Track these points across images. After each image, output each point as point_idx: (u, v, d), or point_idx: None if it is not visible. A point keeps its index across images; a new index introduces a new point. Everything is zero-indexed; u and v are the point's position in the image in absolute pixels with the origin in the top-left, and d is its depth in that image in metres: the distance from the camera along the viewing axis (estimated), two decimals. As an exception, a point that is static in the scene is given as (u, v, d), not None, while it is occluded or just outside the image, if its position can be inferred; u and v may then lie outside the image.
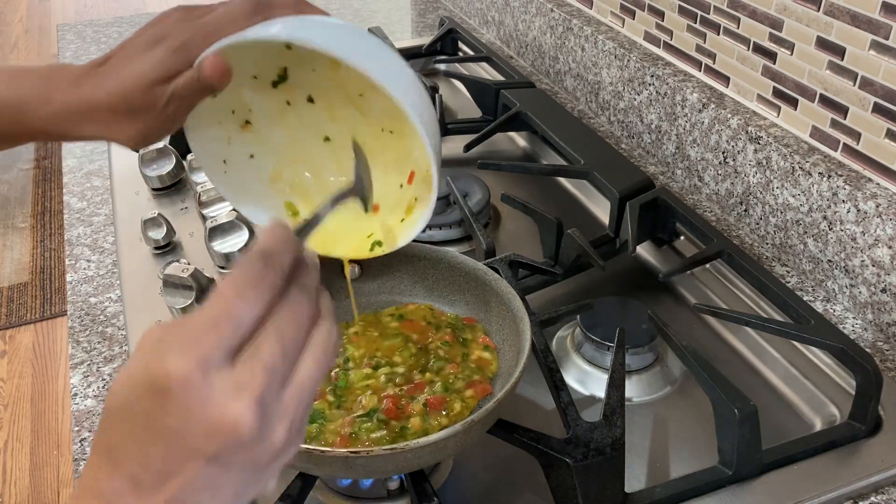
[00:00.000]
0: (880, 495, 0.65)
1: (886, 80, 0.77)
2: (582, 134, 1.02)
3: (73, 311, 0.85)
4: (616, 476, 0.61)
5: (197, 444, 0.37)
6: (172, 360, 0.36)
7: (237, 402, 0.37)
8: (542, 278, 0.85)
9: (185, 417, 0.36)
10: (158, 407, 0.36)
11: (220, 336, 0.37)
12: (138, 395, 0.37)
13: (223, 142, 0.64)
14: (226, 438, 0.37)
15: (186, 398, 0.36)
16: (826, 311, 0.84)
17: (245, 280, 0.38)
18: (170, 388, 0.36)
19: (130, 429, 0.37)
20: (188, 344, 0.37)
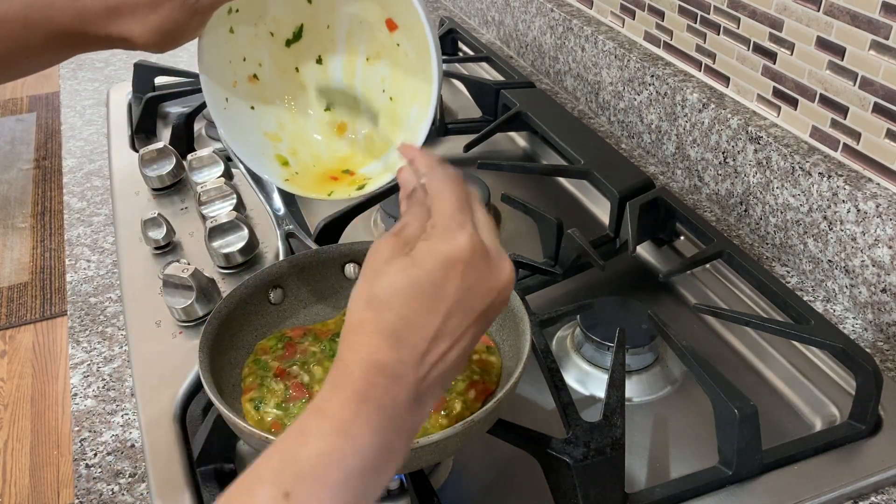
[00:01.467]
0: (880, 495, 0.65)
1: (886, 80, 0.77)
2: (582, 134, 1.02)
3: (73, 311, 0.85)
4: (616, 476, 0.61)
5: (477, 304, 0.44)
6: (456, 238, 0.44)
7: (506, 264, 0.46)
8: (542, 278, 0.85)
9: (474, 280, 0.44)
10: (450, 276, 0.43)
11: (467, 214, 0.46)
12: (426, 273, 0.43)
13: (229, 82, 0.67)
14: (498, 295, 0.46)
15: (475, 263, 0.44)
16: (826, 311, 0.84)
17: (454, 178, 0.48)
18: (461, 258, 0.44)
19: (417, 306, 0.43)
20: (456, 224, 0.45)
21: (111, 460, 0.68)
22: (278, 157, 0.69)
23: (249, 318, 0.69)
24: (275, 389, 0.64)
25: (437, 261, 0.43)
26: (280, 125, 0.70)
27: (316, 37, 0.68)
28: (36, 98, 3.69)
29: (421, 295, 0.43)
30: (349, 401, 0.41)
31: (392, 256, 0.44)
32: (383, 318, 0.43)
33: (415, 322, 0.43)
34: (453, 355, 0.44)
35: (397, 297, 0.43)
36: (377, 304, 0.43)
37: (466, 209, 0.46)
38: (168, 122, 1.20)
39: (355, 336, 0.44)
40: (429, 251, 0.44)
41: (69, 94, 1.32)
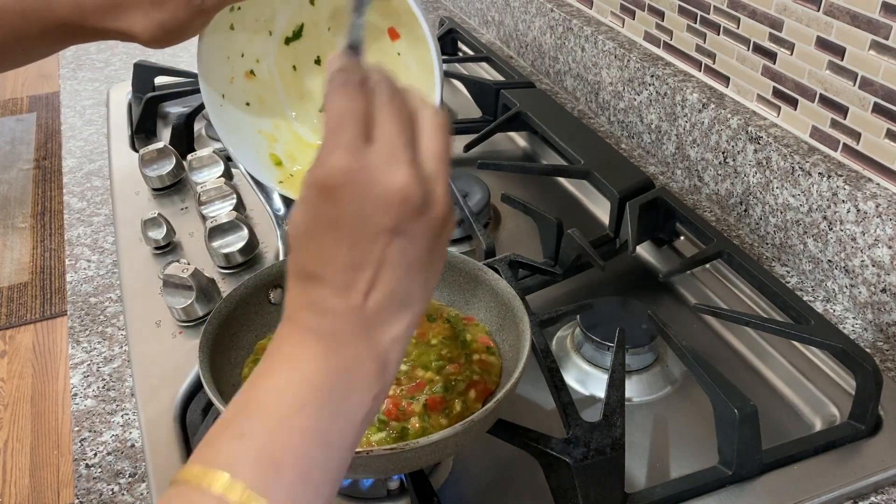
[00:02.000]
0: (880, 495, 0.65)
1: (886, 80, 0.77)
2: (582, 134, 1.02)
3: (73, 311, 0.85)
4: (616, 476, 0.61)
5: (376, 221, 0.40)
6: (327, 161, 0.40)
7: (395, 170, 0.40)
8: (542, 278, 0.85)
9: (359, 199, 0.40)
10: (333, 203, 0.40)
11: (349, 128, 0.40)
12: (313, 207, 0.40)
13: (226, 78, 0.67)
14: (400, 206, 0.40)
15: (353, 183, 0.40)
16: (826, 311, 0.84)
17: (338, 86, 0.42)
18: (335, 183, 0.40)
19: (317, 242, 0.41)
20: (330, 146, 0.40)
21: (111, 460, 0.68)
22: (272, 156, 0.69)
23: (249, 318, 0.69)
24: (275, 389, 0.64)
25: (315, 192, 0.40)
26: (275, 125, 0.69)
27: (316, 38, 0.68)
28: (36, 98, 3.69)
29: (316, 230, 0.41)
30: (290, 337, 0.41)
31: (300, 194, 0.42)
32: (296, 260, 0.42)
33: (320, 258, 0.41)
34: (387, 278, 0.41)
35: (298, 236, 0.42)
36: (291, 248, 0.43)
37: (346, 122, 0.41)
38: (168, 122, 1.20)
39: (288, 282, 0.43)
40: (309, 183, 0.41)
41: (69, 94, 1.32)
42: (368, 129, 0.41)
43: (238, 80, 0.68)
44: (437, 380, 0.63)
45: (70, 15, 0.57)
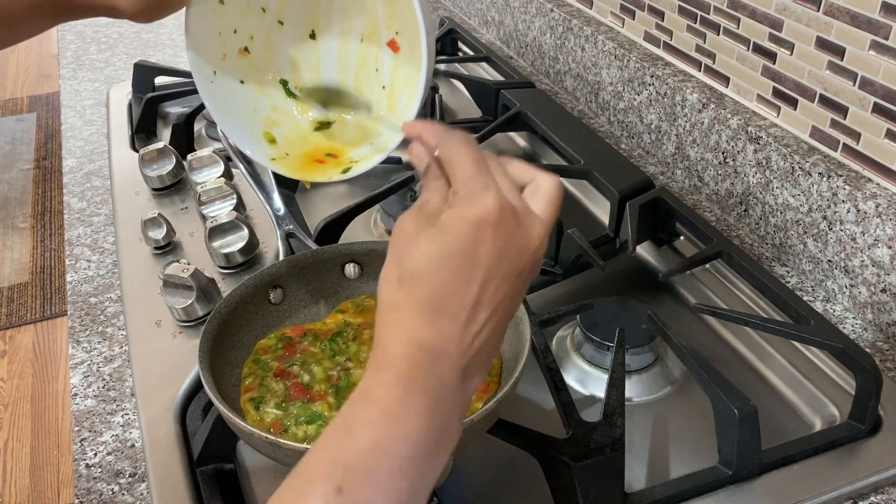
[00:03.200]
0: (880, 495, 0.65)
1: (886, 80, 0.77)
2: (582, 134, 1.02)
3: (73, 311, 0.85)
4: (616, 476, 0.61)
5: (512, 265, 0.42)
6: (485, 198, 0.42)
7: (535, 221, 0.44)
8: (542, 278, 0.85)
9: (506, 240, 0.42)
10: (481, 240, 0.41)
11: (487, 173, 0.43)
12: (455, 240, 0.41)
13: (218, 55, 0.66)
14: (532, 255, 0.44)
15: (505, 223, 0.42)
16: (826, 311, 0.84)
17: (466, 140, 0.45)
18: (490, 220, 0.41)
19: (450, 275, 0.41)
20: (480, 185, 0.43)
21: (111, 460, 0.68)
22: (266, 134, 0.68)
23: (249, 318, 0.69)
24: (275, 389, 0.64)
25: (464, 226, 0.41)
26: (273, 106, 0.69)
27: (310, 14, 0.68)
28: (36, 98, 3.69)
29: (453, 263, 0.41)
30: (394, 384, 0.40)
31: (418, 228, 0.42)
32: (417, 293, 0.41)
33: (450, 292, 0.41)
34: (495, 322, 0.42)
35: (429, 268, 0.41)
36: (409, 280, 0.41)
37: (485, 169, 0.43)
38: (168, 122, 1.20)
39: (391, 315, 0.42)
40: (455, 217, 0.41)
41: (69, 94, 1.32)
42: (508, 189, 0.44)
43: (231, 58, 0.67)
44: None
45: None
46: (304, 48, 0.69)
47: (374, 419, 0.39)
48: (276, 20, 0.67)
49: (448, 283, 0.41)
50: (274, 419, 0.61)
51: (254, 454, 0.68)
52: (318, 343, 0.69)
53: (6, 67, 3.96)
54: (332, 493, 0.37)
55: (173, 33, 1.52)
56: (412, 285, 0.41)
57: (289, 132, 0.69)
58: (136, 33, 1.54)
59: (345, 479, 0.37)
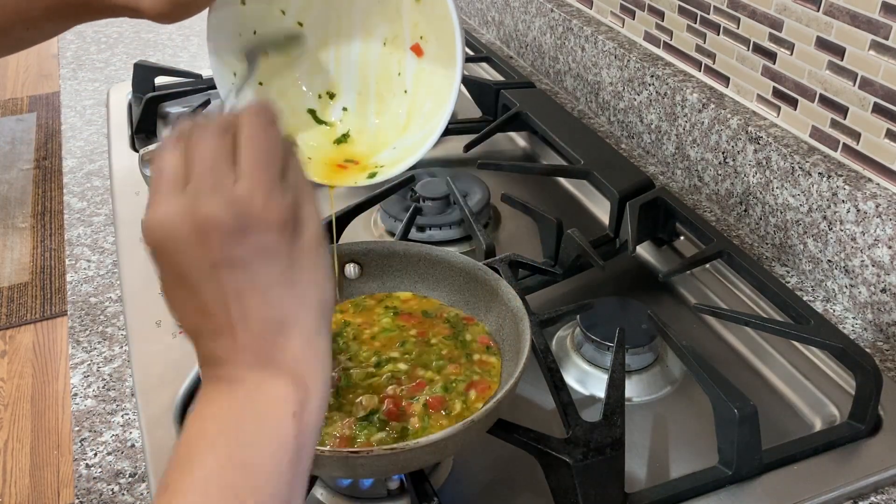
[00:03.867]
0: (880, 495, 0.65)
1: (886, 80, 0.77)
2: (582, 134, 1.02)
3: (73, 311, 0.85)
4: (616, 476, 0.61)
5: (202, 259, 0.39)
6: (144, 223, 0.40)
7: (201, 204, 0.39)
8: (542, 278, 0.85)
9: (181, 244, 0.39)
10: (166, 257, 0.40)
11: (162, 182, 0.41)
12: (158, 268, 0.41)
13: (239, 56, 0.66)
14: (213, 237, 0.39)
15: (170, 230, 0.39)
16: (826, 311, 0.84)
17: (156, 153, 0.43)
18: (157, 238, 0.40)
19: (173, 299, 0.41)
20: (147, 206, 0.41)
21: (111, 460, 0.68)
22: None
23: (249, 318, 0.69)
24: (275, 389, 0.64)
25: (150, 254, 0.41)
26: (291, 109, 0.69)
27: (331, 16, 0.67)
28: (36, 98, 3.69)
29: (168, 289, 0.42)
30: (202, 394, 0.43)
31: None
32: (178, 322, 0.43)
33: (183, 314, 0.41)
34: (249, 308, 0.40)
35: (167, 301, 0.42)
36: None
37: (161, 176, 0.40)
38: (168, 122, 1.20)
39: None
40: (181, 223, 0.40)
41: (69, 94, 1.32)
42: (187, 173, 0.40)
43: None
44: (437, 380, 0.63)
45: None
46: (324, 50, 0.69)
47: (187, 423, 0.41)
48: (295, 22, 0.67)
49: (176, 307, 0.41)
50: (274, 419, 0.61)
51: (254, 454, 0.68)
52: (318, 343, 0.68)
53: (6, 67, 3.96)
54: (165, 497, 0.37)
55: (173, 33, 1.52)
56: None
57: (310, 137, 0.69)
58: (136, 33, 1.54)
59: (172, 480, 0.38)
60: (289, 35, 0.67)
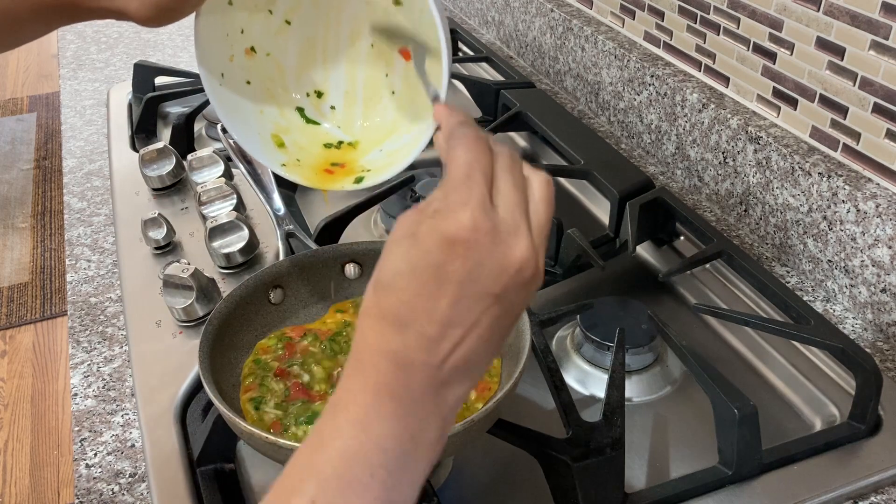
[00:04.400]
0: (880, 495, 0.65)
1: (886, 80, 0.77)
2: (582, 134, 1.02)
3: (73, 311, 0.85)
4: (616, 476, 0.61)
5: (487, 285, 0.40)
6: (457, 215, 0.40)
7: (518, 240, 0.41)
8: (541, 278, 0.85)
9: (479, 260, 0.40)
10: (450, 256, 0.39)
11: (479, 185, 0.41)
12: (425, 254, 0.40)
13: (225, 57, 0.66)
14: (513, 276, 0.41)
15: (477, 242, 0.39)
16: (826, 311, 0.84)
17: (470, 139, 0.43)
18: (462, 238, 0.39)
19: (418, 288, 0.40)
20: (460, 199, 0.40)
21: (111, 460, 0.68)
22: (274, 137, 0.68)
23: (249, 318, 0.69)
24: (275, 389, 0.64)
25: (435, 241, 0.40)
26: (279, 106, 0.68)
27: (319, 17, 0.68)
28: (36, 98, 3.69)
29: (421, 278, 0.40)
30: (361, 392, 0.40)
31: (403, 234, 0.41)
32: (385, 303, 0.41)
33: (418, 306, 0.40)
34: (472, 340, 0.41)
35: (399, 279, 0.40)
36: (381, 288, 0.41)
37: (477, 178, 0.41)
38: (168, 122, 1.21)
39: (363, 321, 0.42)
40: (430, 230, 0.40)
41: (69, 94, 1.32)
42: (491, 187, 0.42)
43: (238, 58, 0.67)
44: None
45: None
46: (312, 50, 0.69)
47: (343, 427, 0.39)
48: (283, 20, 0.67)
49: (415, 296, 0.40)
50: (274, 419, 0.61)
51: (254, 454, 0.68)
52: (318, 343, 0.69)
53: (6, 67, 3.96)
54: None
55: (173, 33, 1.52)
56: (382, 294, 0.41)
57: (298, 138, 0.68)
58: (136, 33, 1.54)
59: (318, 492, 0.37)
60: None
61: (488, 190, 0.41)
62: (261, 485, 0.66)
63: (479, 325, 0.41)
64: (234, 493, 0.65)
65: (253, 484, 0.66)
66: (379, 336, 0.40)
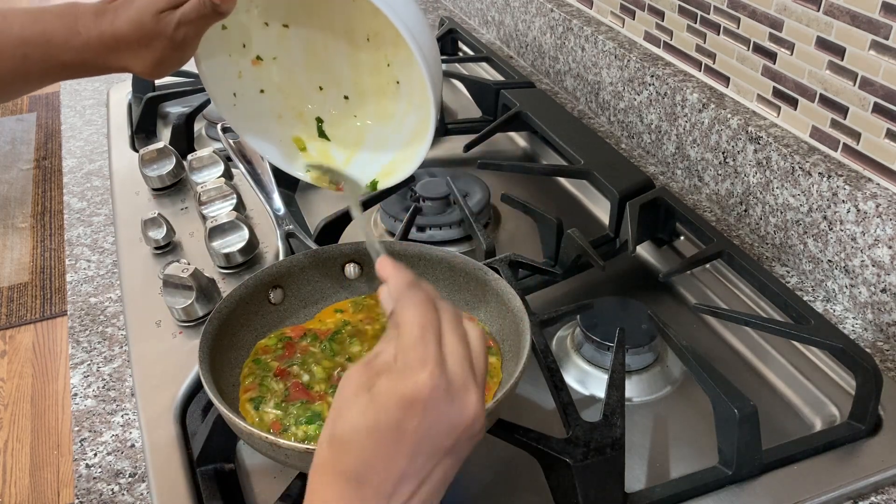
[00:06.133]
0: (880, 495, 0.65)
1: (886, 80, 0.77)
2: (582, 134, 1.02)
3: (73, 311, 0.85)
4: (616, 476, 0.61)
5: (441, 442, 0.42)
6: (415, 375, 0.41)
7: (469, 396, 0.43)
8: (542, 278, 0.85)
9: (435, 418, 0.42)
10: (409, 416, 0.41)
11: (433, 344, 0.43)
12: (384, 412, 0.41)
13: (234, 76, 0.68)
14: (464, 431, 0.43)
15: (435, 401, 0.41)
16: (826, 311, 0.84)
17: (419, 299, 0.45)
18: (420, 398, 0.41)
19: (376, 447, 0.41)
20: (418, 359, 0.42)
21: (111, 460, 0.68)
22: (296, 140, 0.69)
23: (249, 318, 0.69)
24: (274, 389, 0.64)
25: (394, 401, 0.41)
26: (295, 108, 0.70)
27: (314, 16, 0.68)
28: (36, 98, 3.69)
29: (380, 436, 0.41)
30: None
31: (357, 390, 0.43)
32: (343, 460, 0.42)
33: (375, 465, 0.41)
34: (423, 493, 0.42)
35: (357, 437, 0.41)
36: (338, 444, 0.42)
37: (430, 338, 0.43)
38: (168, 122, 1.21)
39: (317, 476, 0.43)
40: (387, 390, 0.42)
41: (69, 94, 1.32)
42: (441, 346, 0.44)
43: (246, 72, 0.68)
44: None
45: (72, 58, 0.60)
46: (314, 47, 0.69)
47: None
48: (281, 25, 0.68)
49: (373, 455, 0.41)
50: (274, 419, 0.61)
51: (254, 454, 0.68)
52: (318, 343, 0.69)
53: (6, 67, 3.96)
54: None
55: (173, 33, 1.52)
56: (340, 451, 0.42)
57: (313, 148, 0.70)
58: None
59: None
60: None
61: (440, 348, 0.43)
62: (261, 485, 0.66)
63: (430, 478, 0.43)
64: (234, 493, 0.65)
65: (253, 484, 0.66)
66: (335, 492, 0.42)
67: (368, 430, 0.41)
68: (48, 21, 0.59)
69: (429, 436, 0.42)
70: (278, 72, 0.69)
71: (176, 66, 0.62)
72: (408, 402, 0.41)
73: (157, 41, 0.59)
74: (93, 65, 0.61)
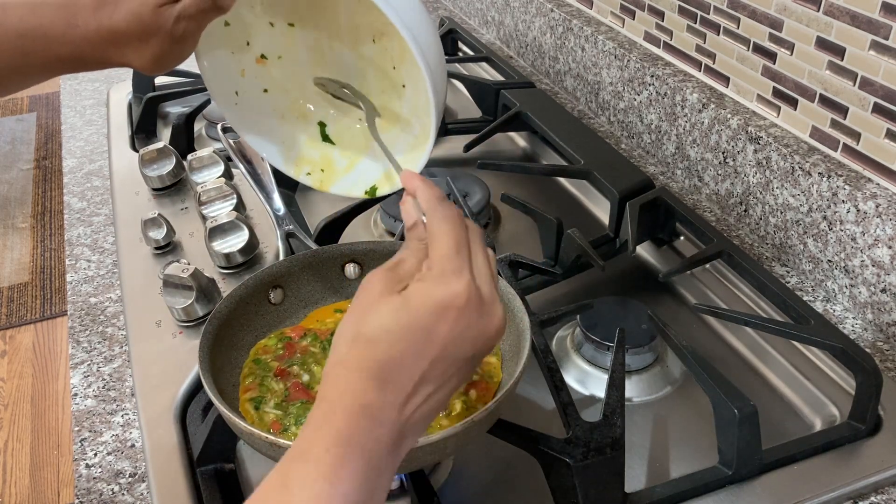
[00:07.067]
0: (880, 495, 0.65)
1: (886, 80, 0.77)
2: (582, 134, 1.02)
3: (73, 311, 0.85)
4: (616, 476, 0.61)
5: (465, 350, 0.44)
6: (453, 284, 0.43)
7: (497, 308, 0.45)
8: (542, 278, 0.85)
9: (465, 326, 0.43)
10: (440, 322, 0.43)
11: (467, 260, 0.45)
12: (418, 315, 0.43)
13: (237, 74, 0.67)
14: (486, 342, 0.45)
15: (468, 311, 0.43)
16: (826, 311, 0.84)
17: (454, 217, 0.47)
18: (455, 305, 0.43)
19: (406, 348, 0.42)
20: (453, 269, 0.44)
21: (111, 460, 0.68)
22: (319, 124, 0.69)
23: (249, 318, 0.69)
24: (274, 389, 0.64)
25: (429, 305, 0.43)
26: (301, 114, 0.69)
27: (320, 16, 0.68)
28: (36, 98, 3.69)
29: (411, 338, 0.42)
30: (333, 444, 0.40)
31: (384, 293, 0.44)
32: (370, 357, 0.42)
33: (402, 364, 0.42)
34: (436, 398, 0.43)
35: (387, 337, 0.42)
36: (365, 342, 0.43)
37: (465, 252, 0.45)
38: (168, 122, 1.20)
39: (336, 369, 0.43)
40: (422, 293, 0.43)
41: (69, 94, 1.32)
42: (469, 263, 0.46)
43: (250, 70, 0.67)
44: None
45: (70, 52, 0.59)
46: (319, 45, 0.69)
47: (312, 478, 0.39)
48: (286, 24, 0.68)
49: (402, 355, 0.42)
50: (274, 419, 0.61)
51: (254, 454, 0.68)
52: (318, 343, 0.69)
53: (6, 67, 3.96)
54: None
55: (173, 33, 1.52)
56: (366, 349, 0.42)
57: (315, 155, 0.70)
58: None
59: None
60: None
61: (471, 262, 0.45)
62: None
63: (447, 384, 0.44)
64: (234, 493, 0.65)
65: (253, 484, 0.66)
66: (355, 388, 0.41)
67: (399, 331, 0.42)
68: (46, 13, 0.59)
69: (455, 343, 0.43)
70: (282, 71, 0.69)
71: (176, 62, 0.61)
72: (443, 308, 0.43)
73: (157, 35, 0.58)
74: (91, 58, 0.60)
